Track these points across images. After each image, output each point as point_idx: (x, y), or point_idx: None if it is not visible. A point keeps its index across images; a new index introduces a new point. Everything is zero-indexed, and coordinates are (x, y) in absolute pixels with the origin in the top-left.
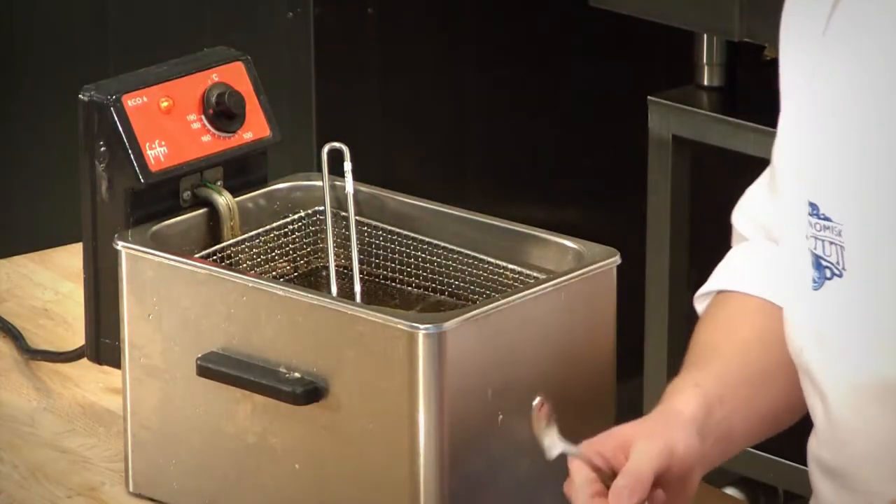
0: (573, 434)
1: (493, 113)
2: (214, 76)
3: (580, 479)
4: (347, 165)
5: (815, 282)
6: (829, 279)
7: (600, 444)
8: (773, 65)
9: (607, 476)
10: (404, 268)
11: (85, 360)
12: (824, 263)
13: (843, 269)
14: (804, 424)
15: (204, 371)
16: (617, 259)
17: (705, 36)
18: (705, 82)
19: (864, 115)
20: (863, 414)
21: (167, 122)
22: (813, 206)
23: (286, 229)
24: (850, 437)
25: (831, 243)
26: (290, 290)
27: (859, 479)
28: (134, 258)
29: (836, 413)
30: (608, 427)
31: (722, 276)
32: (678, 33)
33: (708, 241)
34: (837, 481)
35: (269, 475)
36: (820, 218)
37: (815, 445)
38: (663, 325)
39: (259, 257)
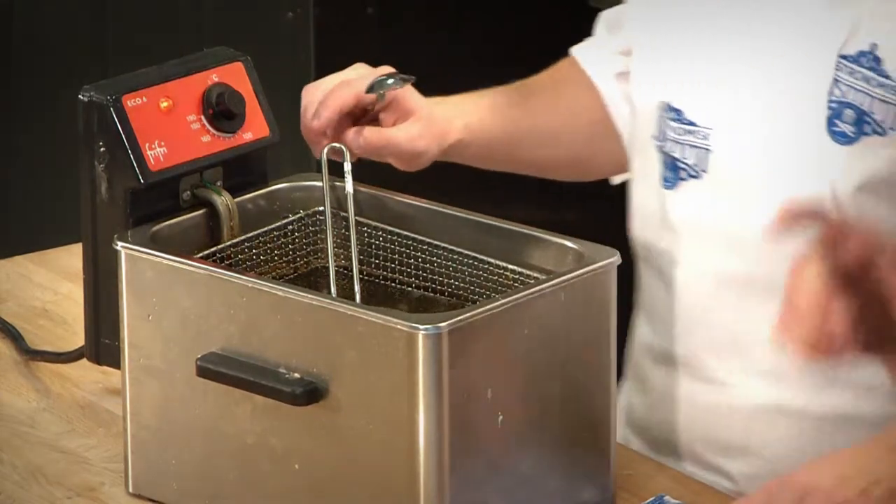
0: (572, 434)
1: None
2: (214, 76)
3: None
4: (347, 166)
5: (667, 181)
6: (685, 180)
7: None
8: None
9: None
10: (404, 268)
11: (84, 361)
12: (681, 165)
13: (704, 170)
14: None
15: (204, 371)
16: (617, 259)
17: None
18: None
19: (730, 25)
20: (708, 303)
21: (167, 122)
22: (676, 111)
23: (286, 230)
24: (694, 327)
25: (692, 146)
26: (290, 290)
27: (706, 368)
28: (133, 258)
29: (682, 303)
30: (608, 428)
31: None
32: None
33: None
34: (679, 370)
35: (268, 475)
36: (683, 123)
37: (647, 334)
38: None
39: (259, 258)
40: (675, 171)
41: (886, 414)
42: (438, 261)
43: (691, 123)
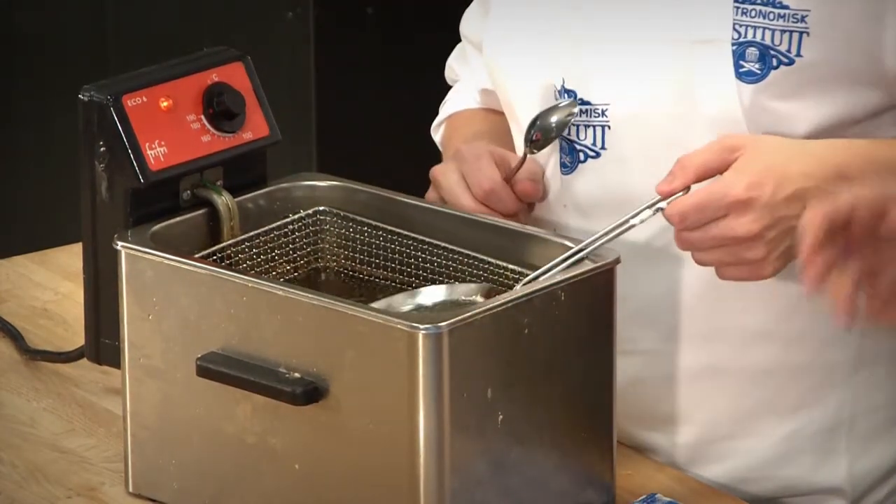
0: (572, 434)
1: None
2: (214, 76)
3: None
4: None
5: (565, 166)
6: (584, 161)
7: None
8: None
9: None
10: (404, 268)
11: (84, 361)
12: (578, 147)
13: (603, 148)
14: None
15: (204, 371)
16: (617, 259)
17: None
18: None
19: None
20: (625, 276)
21: (167, 121)
22: (569, 92)
23: (286, 229)
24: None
25: (587, 126)
26: (290, 290)
27: (628, 341)
28: (134, 258)
29: None
30: (608, 428)
31: (448, 106)
32: None
33: None
34: None
35: (268, 475)
36: (580, 103)
37: None
38: None
39: (259, 257)
40: (573, 154)
41: (815, 362)
42: (438, 260)
43: (586, 103)
